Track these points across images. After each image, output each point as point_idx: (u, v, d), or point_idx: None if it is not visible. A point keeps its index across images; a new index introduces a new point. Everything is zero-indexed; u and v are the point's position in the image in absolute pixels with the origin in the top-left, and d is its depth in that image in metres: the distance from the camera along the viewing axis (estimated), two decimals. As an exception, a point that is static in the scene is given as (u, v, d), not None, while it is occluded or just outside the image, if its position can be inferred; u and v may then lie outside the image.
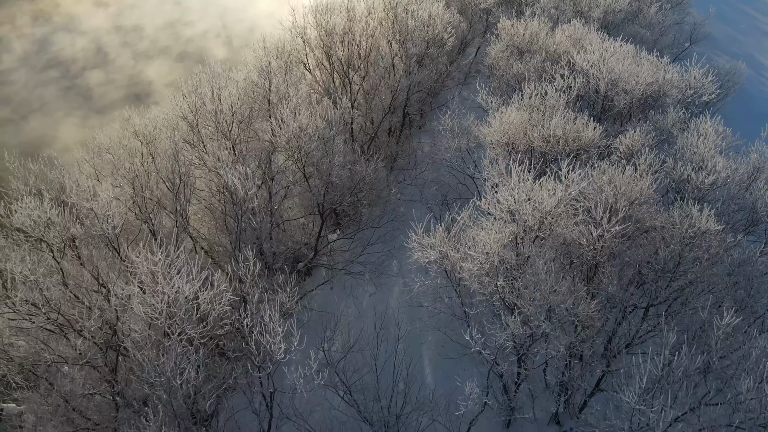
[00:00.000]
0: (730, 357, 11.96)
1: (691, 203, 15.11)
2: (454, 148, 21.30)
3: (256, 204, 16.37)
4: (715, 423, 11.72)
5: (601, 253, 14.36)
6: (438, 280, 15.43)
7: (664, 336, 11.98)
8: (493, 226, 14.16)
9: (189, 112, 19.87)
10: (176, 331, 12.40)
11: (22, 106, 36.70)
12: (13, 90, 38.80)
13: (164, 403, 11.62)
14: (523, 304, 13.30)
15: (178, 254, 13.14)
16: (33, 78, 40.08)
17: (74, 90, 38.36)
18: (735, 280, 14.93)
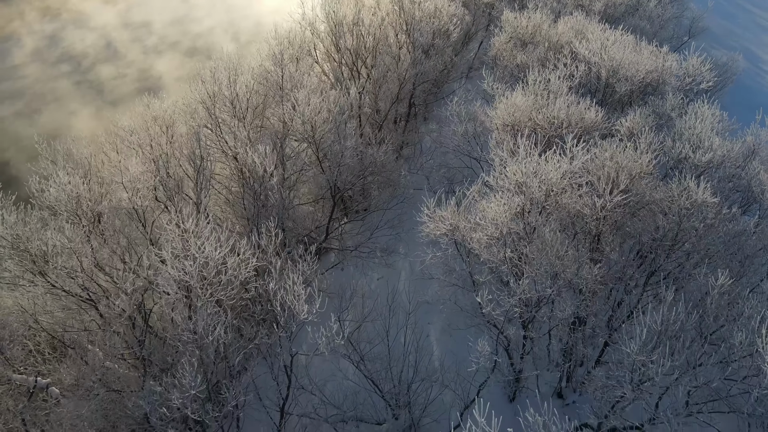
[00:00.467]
0: (723, 315, 12.80)
1: (689, 179, 15.99)
2: (461, 133, 22.14)
3: (275, 180, 17.23)
4: (710, 377, 12.58)
5: (604, 223, 15.21)
6: (449, 251, 16.26)
7: (662, 294, 12.84)
8: (502, 198, 15.02)
9: (207, 98, 20.73)
10: (206, 293, 13.24)
11: (35, 100, 37.56)
12: (26, 84, 39.65)
13: (196, 359, 12.45)
14: (530, 270, 14.16)
15: (207, 222, 13.99)
16: (45, 72, 40.95)
17: (86, 84, 39.23)
18: (731, 251, 15.78)
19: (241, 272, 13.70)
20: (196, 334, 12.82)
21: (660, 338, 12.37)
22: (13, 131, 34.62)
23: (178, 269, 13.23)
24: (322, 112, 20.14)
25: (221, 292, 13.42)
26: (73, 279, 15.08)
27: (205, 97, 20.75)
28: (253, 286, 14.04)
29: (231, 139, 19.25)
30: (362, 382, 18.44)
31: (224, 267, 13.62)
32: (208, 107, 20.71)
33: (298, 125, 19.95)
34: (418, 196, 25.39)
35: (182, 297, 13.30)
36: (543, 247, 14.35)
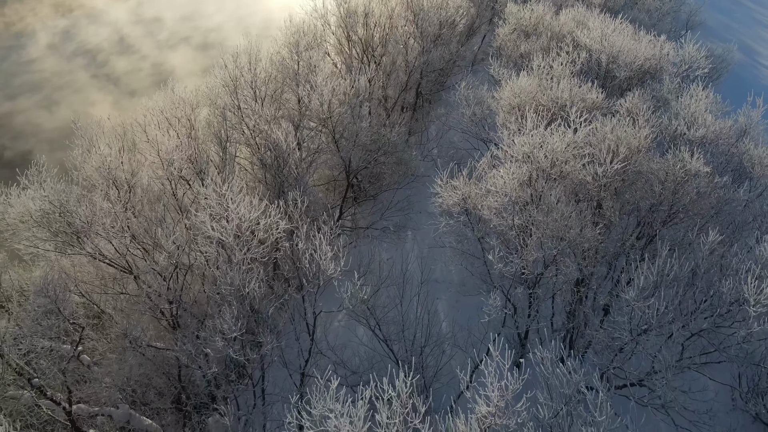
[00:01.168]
0: (713, 267, 14.05)
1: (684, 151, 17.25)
2: (469, 115, 23.40)
3: (297, 156, 18.50)
4: (701, 324, 13.83)
5: (605, 191, 16.47)
6: (462, 218, 17.50)
7: (658, 249, 14.08)
8: (510, 167, 16.28)
9: (230, 81, 21.99)
10: (242, 250, 14.49)
11: (54, 92, 38.85)
12: (44, 77, 40.95)
13: (235, 308, 13.69)
14: (537, 232, 15.41)
15: (240, 188, 15.25)
16: (62, 66, 42.25)
17: (103, 77, 40.53)
18: (722, 218, 17.03)
19: (272, 232, 14.94)
20: (233, 287, 14.06)
21: (656, 288, 13.62)
22: (34, 122, 35.91)
23: (217, 229, 14.48)
24: (338, 94, 21.40)
25: (254, 250, 14.66)
26: (113, 245, 16.35)
27: (227, 81, 22.02)
28: (282, 245, 15.28)
29: (254, 119, 20.49)
30: (377, 347, 19.64)
31: (257, 227, 14.87)
32: (230, 90, 21.96)
33: (316, 106, 21.20)
34: (427, 181, 26.71)
35: (220, 254, 14.54)
36: (549, 210, 15.59)
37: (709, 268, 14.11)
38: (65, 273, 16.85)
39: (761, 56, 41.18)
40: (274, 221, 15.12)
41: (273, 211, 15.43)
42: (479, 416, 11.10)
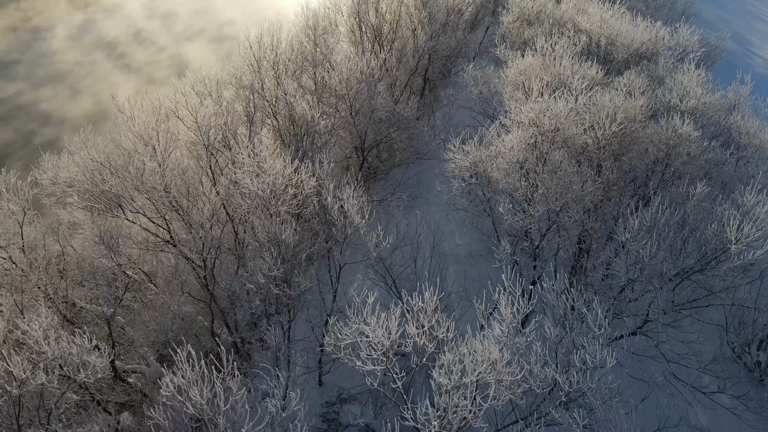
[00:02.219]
0: (701, 213, 15.71)
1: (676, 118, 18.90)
2: (477, 93, 25.07)
3: (321, 125, 20.16)
4: (689, 263, 15.48)
5: (604, 153, 18.12)
6: (473, 180, 19.15)
7: (651, 199, 15.73)
8: (518, 131, 17.95)
9: (254, 61, 23.70)
10: (278, 203, 16.16)
11: (78, 81, 40.55)
12: (66, 68, 42.64)
13: (274, 250, 15.34)
14: (542, 187, 17.05)
15: (273, 149, 16.92)
16: (82, 58, 43.94)
17: (123, 68, 42.24)
18: (711, 179, 18.68)
19: (302, 188, 16.61)
20: (271, 234, 15.72)
21: (649, 232, 15.26)
22: (59, 110, 37.61)
23: (255, 182, 16.15)
24: (356, 72, 23.08)
25: (289, 202, 16.33)
26: (154, 206, 18.01)
27: (252, 60, 23.71)
28: (311, 201, 16.94)
29: (278, 94, 22.19)
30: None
31: (290, 182, 16.53)
32: (254, 69, 23.66)
33: (335, 83, 22.87)
34: (435, 163, 28.39)
35: (258, 207, 16.20)
36: (553, 169, 17.25)
37: (697, 216, 15.75)
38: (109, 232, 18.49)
39: (754, 46, 42.85)
40: (304, 177, 16.77)
41: (302, 169, 17.09)
42: (496, 334, 12.69)
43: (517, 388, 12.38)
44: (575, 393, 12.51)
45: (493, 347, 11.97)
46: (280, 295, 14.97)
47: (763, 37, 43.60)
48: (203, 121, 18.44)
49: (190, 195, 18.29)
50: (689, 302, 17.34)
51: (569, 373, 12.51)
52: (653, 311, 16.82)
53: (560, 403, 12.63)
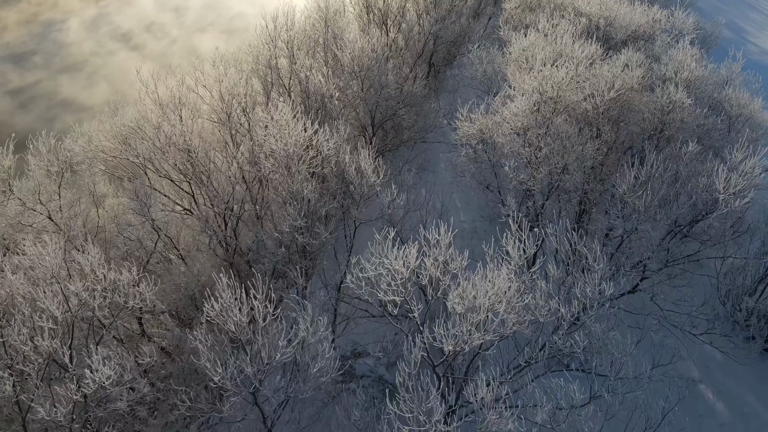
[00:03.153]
0: (692, 168, 16.95)
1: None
2: (481, 72, 26.34)
3: (337, 96, 21.43)
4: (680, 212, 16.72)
5: (603, 118, 19.36)
6: (480, 146, 20.40)
7: (647, 155, 16.96)
8: (521, 98, 19.20)
9: (270, 40, 25.03)
10: (299, 162, 17.41)
11: (95, 71, 41.91)
12: (82, 58, 44.02)
13: (297, 203, 16.59)
14: (545, 147, 18.30)
15: (295, 113, 18.18)
16: (98, 49, 45.32)
17: (139, 58, 43.55)
18: (702, 142, 19.91)
19: (322, 148, 17.87)
20: (293, 190, 16.97)
21: (644, 184, 16.50)
22: (78, 97, 38.95)
23: (278, 143, 17.41)
24: (367, 50, 24.36)
25: (309, 162, 17.59)
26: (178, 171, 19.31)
27: (268, 39, 25.04)
28: (329, 163, 18.20)
29: (293, 70, 23.47)
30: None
31: (310, 143, 17.79)
32: (271, 47, 24.98)
33: (348, 60, 24.14)
34: (439, 146, 29.63)
35: (281, 166, 17.46)
36: (555, 131, 18.49)
37: (689, 171, 16.99)
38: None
39: (749, 34, 44.10)
40: (322, 139, 18.04)
41: (320, 133, 18.36)
42: (504, 271, 13.89)
43: (524, 317, 13.60)
44: (576, 323, 13.73)
45: (503, 278, 13.19)
46: (304, 244, 16.22)
47: (758, 26, 44.86)
48: (226, 90, 19.71)
49: (211, 159, 19.60)
50: (683, 258, 18.59)
51: (571, 305, 13.72)
52: (649, 266, 18.07)
53: (563, 333, 13.84)
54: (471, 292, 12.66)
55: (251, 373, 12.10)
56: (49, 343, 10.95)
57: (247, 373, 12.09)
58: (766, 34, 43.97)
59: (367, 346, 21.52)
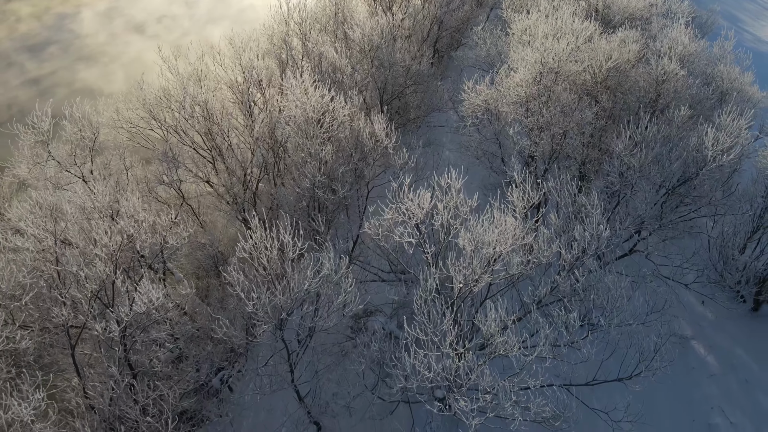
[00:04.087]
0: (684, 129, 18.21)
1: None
2: (485, 52, 27.63)
3: (350, 69, 22.75)
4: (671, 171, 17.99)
5: (601, 87, 20.64)
6: (485, 116, 21.67)
7: (641, 121, 18.25)
8: (524, 69, 20.49)
9: (283, 20, 26.43)
10: (317, 127, 18.71)
11: (112, 60, 43.22)
12: (99, 49, 45.31)
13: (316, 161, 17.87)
14: (547, 113, 19.57)
15: (313, 81, 19.48)
16: (113, 40, 46.64)
17: (155, 49, 44.78)
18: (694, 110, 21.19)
19: (338, 114, 19.16)
20: (312, 150, 18.26)
21: (639, 144, 17.78)
22: (95, 86, 40.21)
23: (298, 109, 18.70)
24: (377, 29, 25.69)
25: (327, 125, 18.88)
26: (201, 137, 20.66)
27: (281, 20, 26.42)
28: (345, 127, 19.49)
29: (306, 47, 24.84)
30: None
31: (327, 109, 19.09)
32: (284, 27, 26.37)
33: (358, 39, 25.46)
34: (442, 131, 30.91)
35: (300, 130, 18.75)
36: (556, 99, 19.77)
37: (681, 132, 18.27)
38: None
39: (744, 23, 45.38)
40: (338, 106, 19.34)
41: (336, 100, 19.66)
42: (510, 216, 15.14)
43: (527, 258, 14.87)
44: (576, 262, 14.99)
45: (509, 221, 14.46)
46: (323, 199, 17.51)
47: (753, 16, 46.13)
48: (247, 63, 21.04)
49: (232, 127, 21.01)
50: (677, 218, 19.84)
51: (571, 248, 14.98)
52: (646, 225, 19.33)
53: (563, 273, 15.10)
54: (479, 230, 13.91)
55: (281, 302, 13.36)
56: (103, 269, 12.22)
57: (276, 302, 13.35)
58: (761, 23, 45.25)
59: (378, 305, 22.79)
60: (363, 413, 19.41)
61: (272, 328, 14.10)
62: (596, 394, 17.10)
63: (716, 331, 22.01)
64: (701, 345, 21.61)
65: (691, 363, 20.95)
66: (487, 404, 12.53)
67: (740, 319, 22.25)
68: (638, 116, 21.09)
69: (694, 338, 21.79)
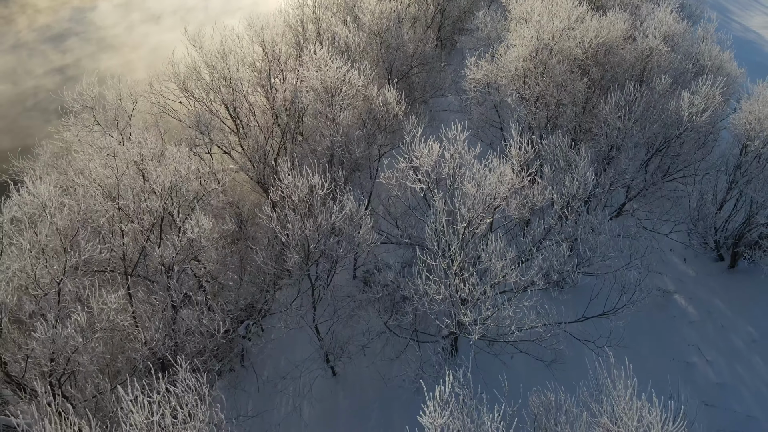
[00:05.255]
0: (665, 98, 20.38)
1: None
2: (486, 34, 29.82)
3: (361, 47, 24.94)
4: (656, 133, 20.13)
5: (591, 61, 22.78)
6: (486, 90, 23.84)
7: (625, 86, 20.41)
8: (521, 42, 22.67)
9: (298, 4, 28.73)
10: (335, 95, 20.87)
11: (133, 50, 45.50)
12: (119, 39, 47.62)
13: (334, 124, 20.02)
14: (543, 84, 21.71)
15: (330, 55, 21.64)
16: (133, 31, 48.95)
17: (175, 38, 47.02)
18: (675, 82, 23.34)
19: (354, 83, 21.33)
20: (332, 118, 20.43)
21: (624, 107, 19.93)
22: (118, 74, 42.43)
23: (318, 78, 20.87)
24: (386, 12, 27.89)
25: (346, 92, 21.07)
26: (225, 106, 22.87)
27: (296, 5, 28.71)
28: (360, 95, 21.65)
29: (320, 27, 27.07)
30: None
31: (343, 79, 21.25)
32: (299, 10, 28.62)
33: (368, 21, 27.65)
34: (450, 121, 32.98)
35: (319, 99, 20.93)
36: (551, 72, 21.92)
37: (662, 98, 20.43)
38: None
39: (733, 14, 47.55)
40: (353, 76, 21.50)
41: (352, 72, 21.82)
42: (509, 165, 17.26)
43: (523, 202, 17.02)
44: (567, 206, 17.14)
45: (506, 169, 16.61)
46: (341, 156, 19.68)
47: (742, 7, 48.27)
48: (269, 39, 23.24)
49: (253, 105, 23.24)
50: (661, 178, 21.96)
51: (562, 194, 17.12)
52: (632, 186, 21.48)
53: (556, 213, 17.24)
54: (481, 174, 16.05)
55: (310, 234, 15.51)
56: (160, 201, 14.37)
57: (306, 233, 15.50)
58: (749, 13, 47.41)
59: (388, 263, 24.93)
60: (374, 356, 21.52)
61: (300, 261, 16.24)
62: (584, 331, 19.29)
63: (696, 286, 24.09)
64: (682, 297, 23.69)
65: (672, 313, 23.04)
66: (487, 316, 14.66)
67: (719, 275, 24.34)
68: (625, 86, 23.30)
69: (677, 292, 23.89)
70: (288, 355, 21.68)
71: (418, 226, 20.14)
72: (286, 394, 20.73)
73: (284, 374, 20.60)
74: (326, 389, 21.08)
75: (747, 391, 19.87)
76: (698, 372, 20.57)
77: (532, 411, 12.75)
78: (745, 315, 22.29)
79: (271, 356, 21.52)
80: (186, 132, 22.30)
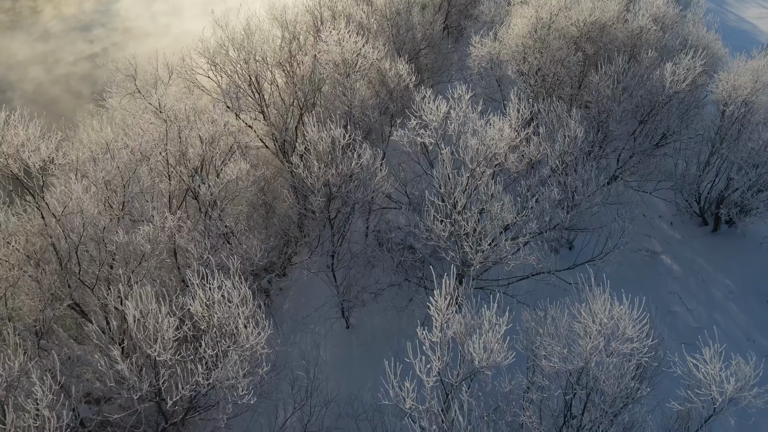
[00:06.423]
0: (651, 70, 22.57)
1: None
2: (490, 18, 32.04)
3: (375, 27, 27.23)
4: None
5: (585, 38, 24.95)
6: (489, 66, 26.06)
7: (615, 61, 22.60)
8: (521, 21, 24.89)
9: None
10: (352, 67, 23.15)
11: (158, 41, 47.97)
12: (145, 30, 50.09)
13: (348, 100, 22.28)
14: (541, 59, 23.91)
15: (348, 30, 23.93)
16: (156, 20, 51.44)
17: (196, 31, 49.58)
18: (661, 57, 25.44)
19: (369, 56, 23.59)
20: (347, 95, 22.71)
21: (612, 78, 22.10)
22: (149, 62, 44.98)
23: (335, 55, 23.17)
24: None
25: (361, 65, 23.34)
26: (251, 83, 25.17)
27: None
28: (374, 68, 23.92)
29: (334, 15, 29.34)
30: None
31: (359, 54, 23.54)
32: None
33: (381, 6, 29.94)
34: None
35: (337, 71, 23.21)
36: (548, 48, 24.12)
37: (648, 70, 22.59)
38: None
39: (730, 5, 49.54)
40: (368, 50, 23.78)
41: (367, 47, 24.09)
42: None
43: (520, 157, 19.21)
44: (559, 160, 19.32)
45: (505, 126, 18.80)
46: (358, 118, 21.97)
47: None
48: (291, 18, 25.57)
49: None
50: (649, 146, 24.09)
51: (555, 147, 19.32)
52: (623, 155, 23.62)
53: (550, 165, 19.42)
54: (482, 130, 18.27)
55: (332, 177, 17.77)
56: (200, 154, 16.72)
57: (328, 179, 17.77)
58: (745, 5, 49.36)
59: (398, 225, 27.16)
60: (386, 303, 23.73)
61: (323, 204, 18.51)
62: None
63: (682, 247, 26.21)
64: (668, 257, 25.81)
65: (659, 270, 25.17)
66: (488, 251, 16.87)
67: (702, 238, 26.46)
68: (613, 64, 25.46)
69: (663, 253, 26.01)
70: (307, 301, 23.99)
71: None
72: (305, 335, 23.00)
73: (304, 315, 22.86)
74: (341, 338, 23.31)
75: (723, 333, 21.96)
76: (679, 319, 22.68)
77: (524, 325, 14.98)
78: (724, 270, 24.42)
79: (293, 300, 23.80)
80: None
